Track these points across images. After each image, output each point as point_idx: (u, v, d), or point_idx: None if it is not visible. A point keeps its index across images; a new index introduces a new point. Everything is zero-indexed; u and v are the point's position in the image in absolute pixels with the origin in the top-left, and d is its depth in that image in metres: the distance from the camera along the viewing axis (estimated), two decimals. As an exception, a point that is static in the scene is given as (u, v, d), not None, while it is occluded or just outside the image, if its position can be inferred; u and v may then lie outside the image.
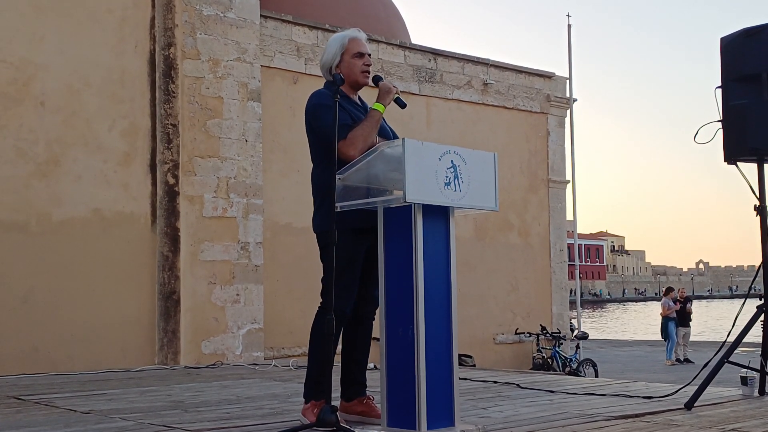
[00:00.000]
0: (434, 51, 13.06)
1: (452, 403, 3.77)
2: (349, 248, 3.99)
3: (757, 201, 5.17)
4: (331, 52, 4.22)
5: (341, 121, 4.00)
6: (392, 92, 4.16)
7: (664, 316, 19.85)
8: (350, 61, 4.19)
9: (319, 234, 4.17)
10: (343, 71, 4.17)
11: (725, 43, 5.25)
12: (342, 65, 4.20)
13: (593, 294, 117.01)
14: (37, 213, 8.90)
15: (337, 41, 4.23)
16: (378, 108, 4.09)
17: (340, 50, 4.20)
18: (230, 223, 9.98)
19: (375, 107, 4.09)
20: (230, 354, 9.75)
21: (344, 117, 4.06)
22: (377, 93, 4.15)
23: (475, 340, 12.93)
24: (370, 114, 4.09)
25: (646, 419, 4.32)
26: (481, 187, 3.88)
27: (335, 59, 4.20)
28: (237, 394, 5.80)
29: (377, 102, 4.11)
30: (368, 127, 4.03)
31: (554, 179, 14.58)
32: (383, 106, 4.11)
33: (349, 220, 3.96)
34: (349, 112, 4.12)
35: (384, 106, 4.11)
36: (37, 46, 9.03)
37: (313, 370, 4.10)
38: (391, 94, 4.15)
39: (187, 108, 9.76)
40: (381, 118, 4.11)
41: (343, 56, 4.20)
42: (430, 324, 3.69)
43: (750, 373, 5.13)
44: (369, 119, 4.06)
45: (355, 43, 4.21)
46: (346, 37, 4.22)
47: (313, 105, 4.11)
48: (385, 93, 4.14)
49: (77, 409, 5.00)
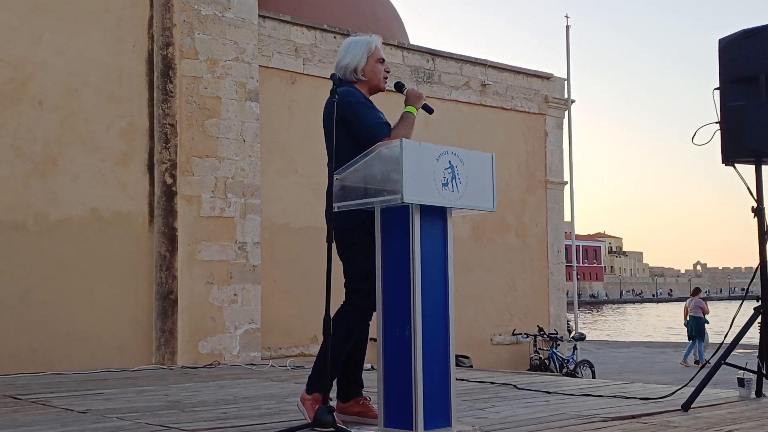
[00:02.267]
0: (432, 51, 13.06)
1: (449, 403, 3.77)
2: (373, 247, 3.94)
3: (755, 202, 5.18)
4: (357, 54, 4.33)
5: (381, 119, 4.19)
6: (422, 98, 4.33)
7: (693, 317, 19.40)
8: (375, 65, 4.36)
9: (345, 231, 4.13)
10: (367, 73, 4.33)
11: (723, 45, 5.26)
12: (367, 68, 4.33)
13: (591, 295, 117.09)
14: (34, 212, 8.89)
15: (363, 45, 4.35)
16: (411, 111, 4.24)
17: (366, 53, 4.34)
18: (228, 223, 9.98)
19: (408, 110, 4.23)
20: (227, 354, 9.75)
21: (381, 116, 4.23)
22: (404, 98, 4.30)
23: (472, 341, 12.93)
24: (406, 116, 4.21)
25: (643, 420, 4.32)
26: (479, 187, 3.89)
27: (361, 61, 4.32)
28: (234, 394, 5.80)
29: (409, 105, 4.26)
30: (408, 128, 4.18)
31: (552, 180, 14.58)
32: (415, 109, 4.26)
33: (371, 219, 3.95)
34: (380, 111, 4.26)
35: (416, 109, 4.27)
36: (35, 45, 9.02)
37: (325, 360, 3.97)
38: (421, 100, 4.32)
39: (185, 108, 9.75)
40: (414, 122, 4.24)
41: (368, 59, 4.34)
42: (427, 324, 3.69)
43: (747, 375, 5.14)
44: (406, 121, 4.20)
45: (379, 50, 4.42)
46: (373, 43, 4.39)
47: (350, 103, 4.14)
48: (416, 98, 4.29)
49: (74, 409, 5.00)
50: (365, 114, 4.15)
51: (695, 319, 19.39)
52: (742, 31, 5.18)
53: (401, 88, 4.36)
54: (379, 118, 4.19)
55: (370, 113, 4.16)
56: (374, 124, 4.13)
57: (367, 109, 4.18)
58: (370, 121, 4.13)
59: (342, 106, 4.13)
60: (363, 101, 4.20)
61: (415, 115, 4.24)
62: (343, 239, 4.15)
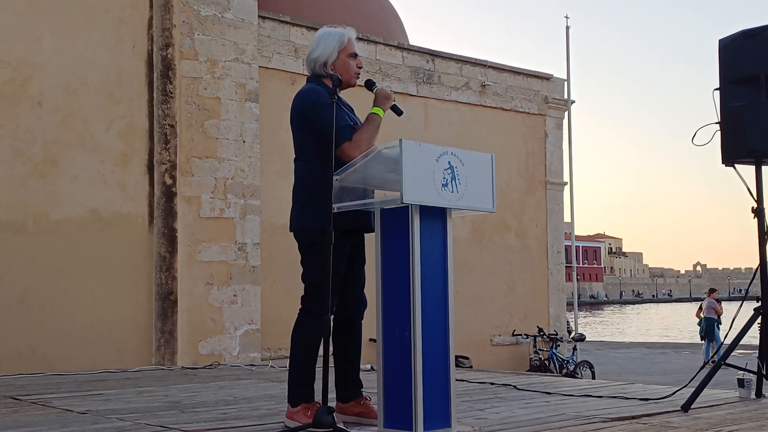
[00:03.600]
0: (432, 52, 13.06)
1: (449, 404, 3.77)
2: (337, 250, 3.92)
3: (755, 203, 5.17)
4: (327, 47, 4.11)
5: (344, 121, 3.98)
6: (390, 99, 4.12)
7: (706, 317, 19.29)
8: (346, 60, 4.13)
9: (304, 233, 4.06)
10: (338, 69, 4.11)
11: (723, 45, 5.25)
12: (337, 63, 4.11)
13: (591, 296, 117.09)
14: (34, 213, 8.90)
15: (335, 38, 4.13)
16: (378, 112, 4.05)
17: (338, 47, 4.12)
18: (228, 224, 9.97)
19: (375, 111, 4.05)
20: (227, 355, 9.74)
21: (344, 117, 4.04)
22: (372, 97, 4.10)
23: (472, 342, 12.93)
24: (371, 118, 4.03)
25: (643, 421, 4.31)
26: (479, 188, 3.88)
27: (332, 56, 4.12)
28: (234, 395, 5.79)
29: (376, 107, 4.06)
30: (372, 131, 4.00)
31: (552, 181, 14.59)
32: (382, 110, 4.07)
33: (339, 222, 3.90)
34: (346, 112, 4.10)
35: (383, 111, 4.08)
36: (34, 46, 9.02)
37: (300, 372, 4.03)
38: (390, 101, 4.11)
39: (184, 108, 9.75)
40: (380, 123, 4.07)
41: (340, 54, 4.12)
42: (427, 325, 3.69)
43: (747, 376, 5.13)
44: (371, 123, 4.01)
45: (352, 43, 4.17)
46: (345, 36, 4.16)
47: (313, 102, 3.99)
48: (384, 99, 4.09)
49: (74, 410, 4.99)
50: (327, 115, 3.91)
51: (707, 320, 19.27)
52: (743, 31, 5.18)
53: (371, 87, 4.14)
54: (341, 119, 3.97)
55: (329, 115, 3.91)
56: (335, 126, 3.89)
57: (329, 109, 3.91)
58: (328, 123, 3.90)
59: (302, 106, 4.03)
60: (327, 101, 3.94)
61: (382, 117, 4.06)
62: (302, 241, 4.08)
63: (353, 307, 4.19)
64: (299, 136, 4.11)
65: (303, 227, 4.07)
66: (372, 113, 4.04)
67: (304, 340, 4.03)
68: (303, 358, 4.05)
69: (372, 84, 4.16)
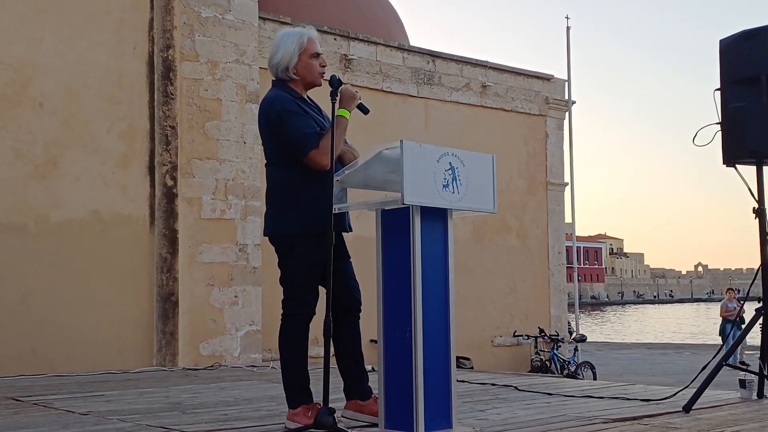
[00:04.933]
0: (432, 53, 13.06)
1: (450, 405, 3.77)
2: (311, 253, 3.95)
3: (756, 203, 5.18)
4: (287, 51, 4.03)
5: (309, 128, 3.94)
6: (356, 98, 4.04)
7: (724, 318, 19.13)
8: (308, 61, 4.07)
9: (282, 237, 4.05)
10: (300, 71, 4.06)
11: (724, 46, 5.25)
12: (299, 65, 4.05)
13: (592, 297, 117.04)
14: (35, 214, 8.90)
15: (294, 40, 4.04)
16: (344, 114, 3.97)
17: (298, 50, 4.04)
18: (228, 225, 9.97)
19: (341, 114, 3.97)
20: (228, 356, 9.74)
21: (310, 124, 3.97)
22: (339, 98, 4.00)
23: (473, 343, 12.93)
24: (338, 122, 3.93)
25: (644, 422, 4.31)
26: (480, 189, 3.88)
27: (293, 59, 4.04)
28: (235, 396, 5.80)
29: (342, 108, 3.98)
30: (339, 135, 3.91)
31: (553, 181, 14.58)
32: (348, 112, 4.01)
33: (313, 226, 3.91)
34: (312, 117, 4.04)
35: (349, 112, 4.01)
36: (35, 47, 9.02)
37: (294, 376, 4.05)
38: (355, 100, 4.04)
39: (185, 110, 9.76)
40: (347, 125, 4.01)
41: (301, 56, 4.05)
42: (427, 326, 3.69)
43: (748, 376, 5.13)
44: (337, 127, 3.91)
45: (313, 43, 4.08)
46: (304, 36, 4.07)
47: (278, 111, 3.94)
48: (349, 99, 4.01)
49: (75, 411, 4.99)
50: (291, 124, 3.90)
51: (723, 321, 19.17)
52: (743, 31, 5.18)
53: (337, 86, 3.98)
54: (307, 127, 3.93)
55: (296, 123, 3.91)
56: (300, 135, 3.88)
57: (296, 117, 3.92)
58: (296, 132, 3.90)
59: (268, 114, 3.98)
60: (291, 108, 3.94)
61: (348, 118, 3.99)
62: (279, 245, 4.08)
63: (349, 294, 4.14)
64: (268, 144, 4.08)
65: (281, 231, 4.05)
66: (338, 116, 3.95)
67: (291, 344, 4.07)
68: (294, 362, 4.08)
69: (337, 83, 4.01)
